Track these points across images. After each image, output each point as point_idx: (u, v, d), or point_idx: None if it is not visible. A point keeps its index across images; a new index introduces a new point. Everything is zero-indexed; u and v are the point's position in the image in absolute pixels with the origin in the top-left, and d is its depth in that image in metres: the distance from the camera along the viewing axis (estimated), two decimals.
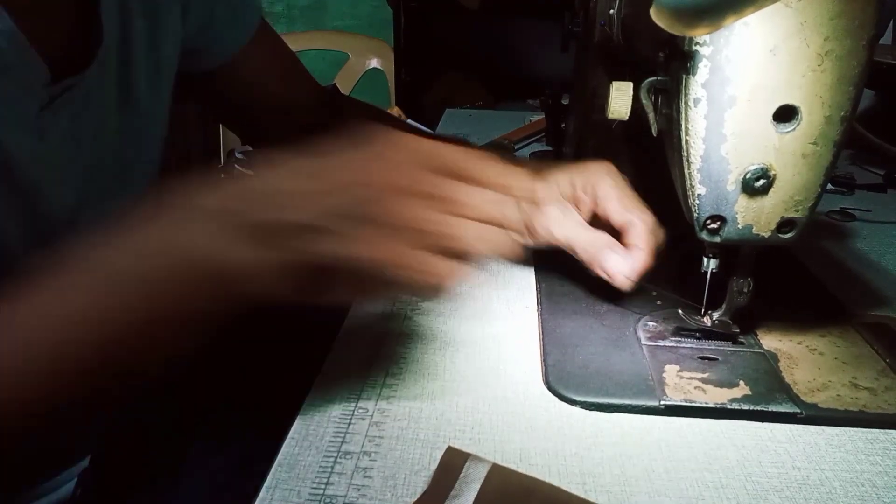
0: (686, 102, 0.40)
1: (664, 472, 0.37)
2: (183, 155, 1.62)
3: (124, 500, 0.51)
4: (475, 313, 0.51)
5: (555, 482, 0.34)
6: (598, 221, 0.51)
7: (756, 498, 0.35)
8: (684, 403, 0.41)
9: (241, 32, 0.64)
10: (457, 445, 0.37)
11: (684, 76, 0.39)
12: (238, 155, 1.46)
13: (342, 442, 0.38)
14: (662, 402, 0.41)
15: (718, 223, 0.42)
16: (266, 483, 0.35)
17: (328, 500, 0.34)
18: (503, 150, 0.88)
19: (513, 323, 0.50)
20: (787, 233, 0.42)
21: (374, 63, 1.84)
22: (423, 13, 1.96)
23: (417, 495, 0.34)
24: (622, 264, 0.48)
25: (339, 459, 0.36)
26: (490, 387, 0.43)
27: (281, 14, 2.06)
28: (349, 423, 0.39)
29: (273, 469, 0.36)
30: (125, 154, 0.53)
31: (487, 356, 0.46)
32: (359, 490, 0.34)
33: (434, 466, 0.35)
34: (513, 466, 0.35)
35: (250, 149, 1.42)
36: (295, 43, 0.73)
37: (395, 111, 1.77)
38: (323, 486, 0.35)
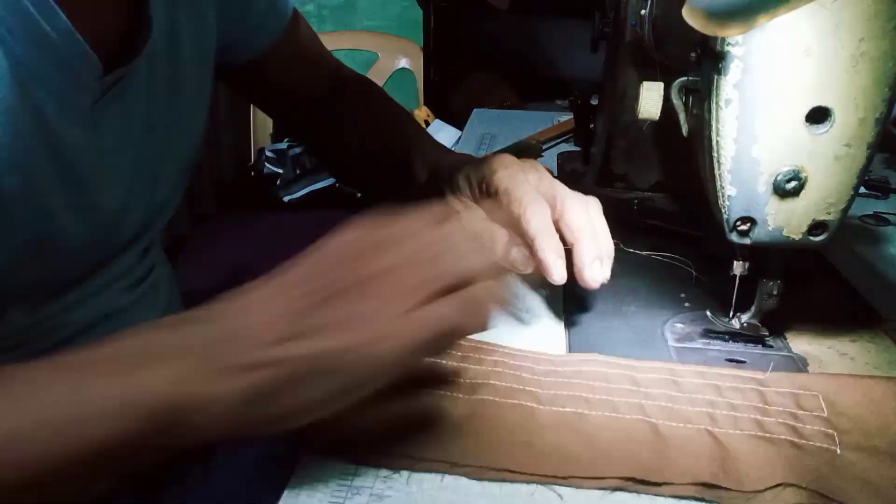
0: (717, 103, 0.39)
1: None
2: (213, 152, 1.65)
3: (156, 492, 0.52)
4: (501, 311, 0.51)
5: None
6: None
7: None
8: None
9: (276, 26, 0.65)
10: None
11: (716, 76, 0.39)
12: (268, 153, 1.48)
13: None
14: None
15: (748, 225, 0.42)
16: (295, 473, 0.35)
17: (356, 490, 0.34)
18: (530, 150, 0.88)
19: (539, 322, 0.50)
20: (818, 235, 0.41)
21: (402, 63, 1.86)
22: (452, 13, 1.96)
23: None
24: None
25: None
26: None
27: (311, 14, 2.08)
28: None
29: (302, 459, 0.36)
30: (172, 147, 0.54)
31: None
32: (385, 482, 0.35)
33: None
34: None
35: (281, 147, 1.45)
36: (325, 43, 0.75)
37: (424, 111, 1.77)
38: (350, 478, 0.35)
